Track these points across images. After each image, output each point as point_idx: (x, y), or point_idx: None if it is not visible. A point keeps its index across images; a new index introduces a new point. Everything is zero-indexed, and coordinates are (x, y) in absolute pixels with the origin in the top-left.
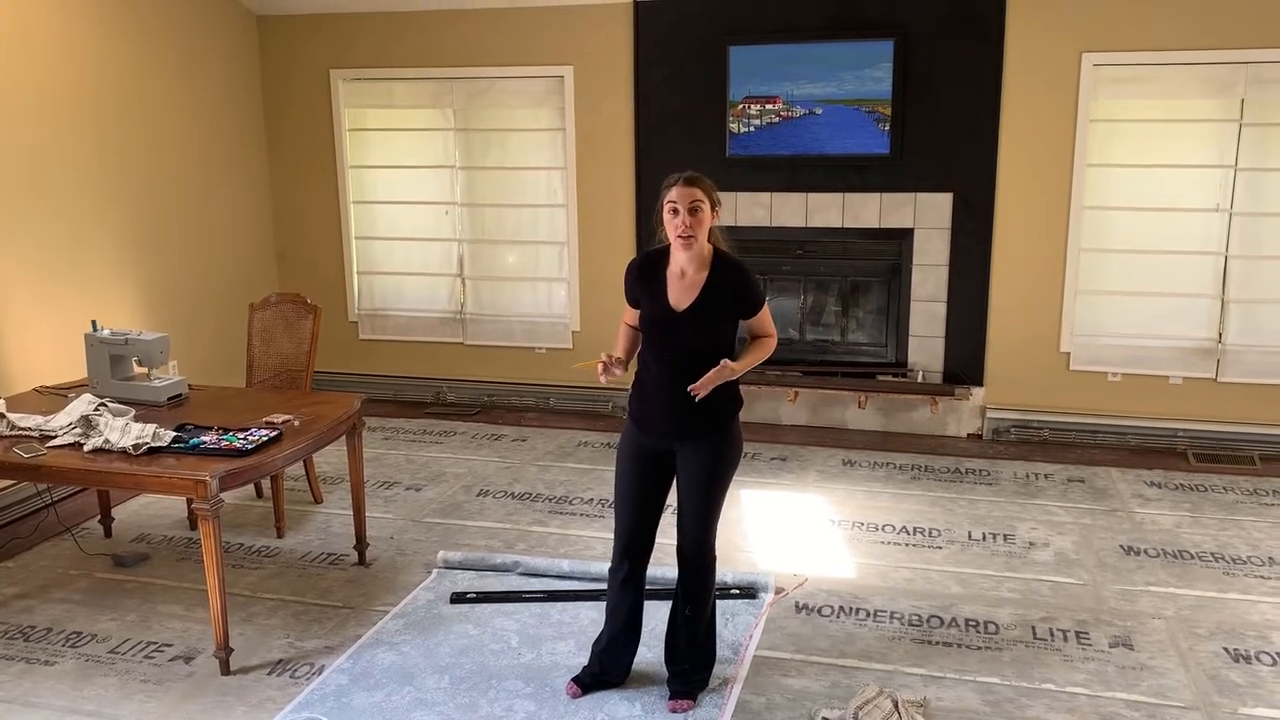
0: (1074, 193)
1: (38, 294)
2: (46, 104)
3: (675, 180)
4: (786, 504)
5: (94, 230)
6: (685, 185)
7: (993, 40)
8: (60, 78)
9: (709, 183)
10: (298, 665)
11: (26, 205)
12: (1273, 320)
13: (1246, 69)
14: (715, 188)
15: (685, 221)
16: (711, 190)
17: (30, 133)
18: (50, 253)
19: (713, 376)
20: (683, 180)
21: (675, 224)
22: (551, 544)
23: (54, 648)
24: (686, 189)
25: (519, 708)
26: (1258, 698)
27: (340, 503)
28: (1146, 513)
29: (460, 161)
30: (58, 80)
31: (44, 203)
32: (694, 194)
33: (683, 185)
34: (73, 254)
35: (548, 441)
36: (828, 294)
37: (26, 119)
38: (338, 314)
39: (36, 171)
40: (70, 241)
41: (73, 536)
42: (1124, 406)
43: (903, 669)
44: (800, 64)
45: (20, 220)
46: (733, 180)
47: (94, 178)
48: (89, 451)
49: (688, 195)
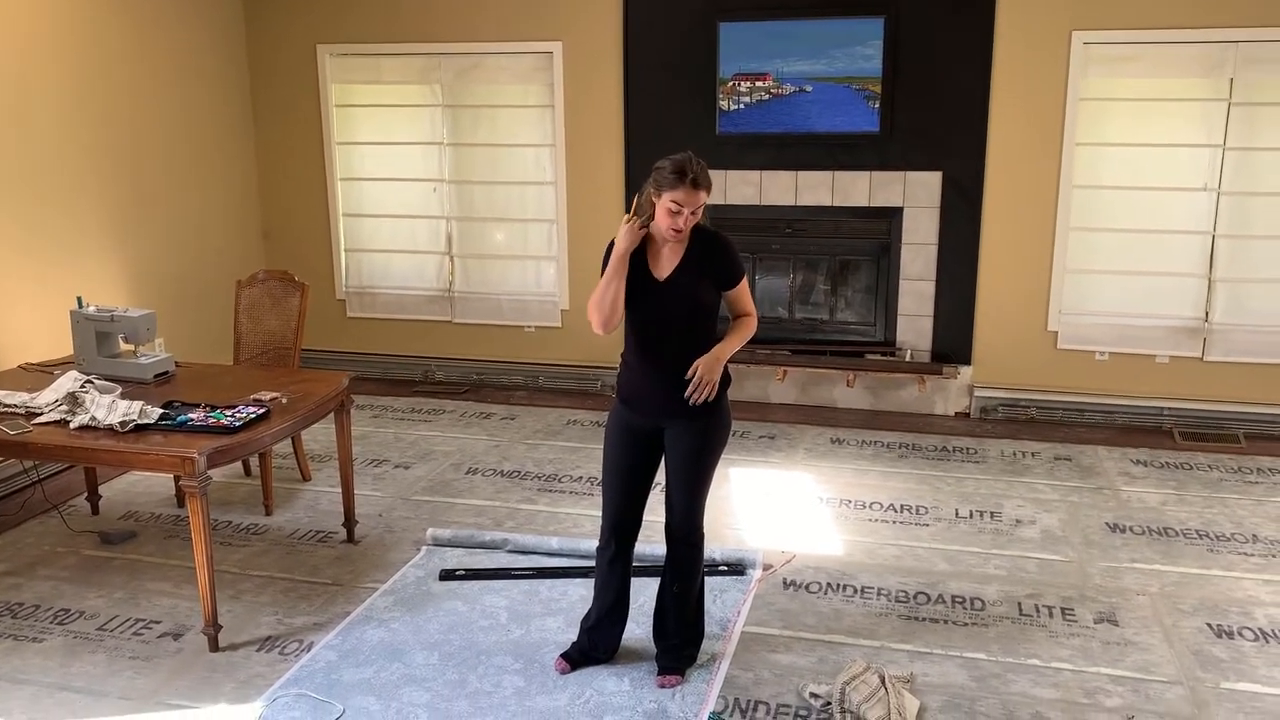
0: (1063, 172)
1: (23, 270)
2: (31, 81)
3: (681, 178)
4: (775, 482)
5: (80, 207)
6: (693, 189)
7: (983, 18)
8: (44, 54)
9: (709, 176)
10: (286, 642)
11: (11, 181)
12: (1259, 299)
13: (1236, 48)
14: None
15: (686, 221)
16: (710, 184)
17: (14, 109)
18: (36, 229)
19: (704, 374)
20: (690, 182)
21: (673, 222)
22: (540, 522)
23: (42, 625)
24: (695, 193)
25: (508, 683)
26: (1240, 672)
27: (328, 480)
28: (1132, 490)
29: (448, 138)
30: (41, 57)
31: (28, 179)
32: (700, 198)
33: (690, 189)
34: (58, 230)
35: (537, 420)
36: (817, 273)
37: (10, 96)
38: (325, 291)
39: (21, 148)
40: (56, 218)
41: (59, 514)
42: (1111, 385)
43: (890, 645)
44: (791, 41)
45: (4, 197)
46: (722, 158)
47: (80, 154)
48: (75, 428)
49: (695, 200)
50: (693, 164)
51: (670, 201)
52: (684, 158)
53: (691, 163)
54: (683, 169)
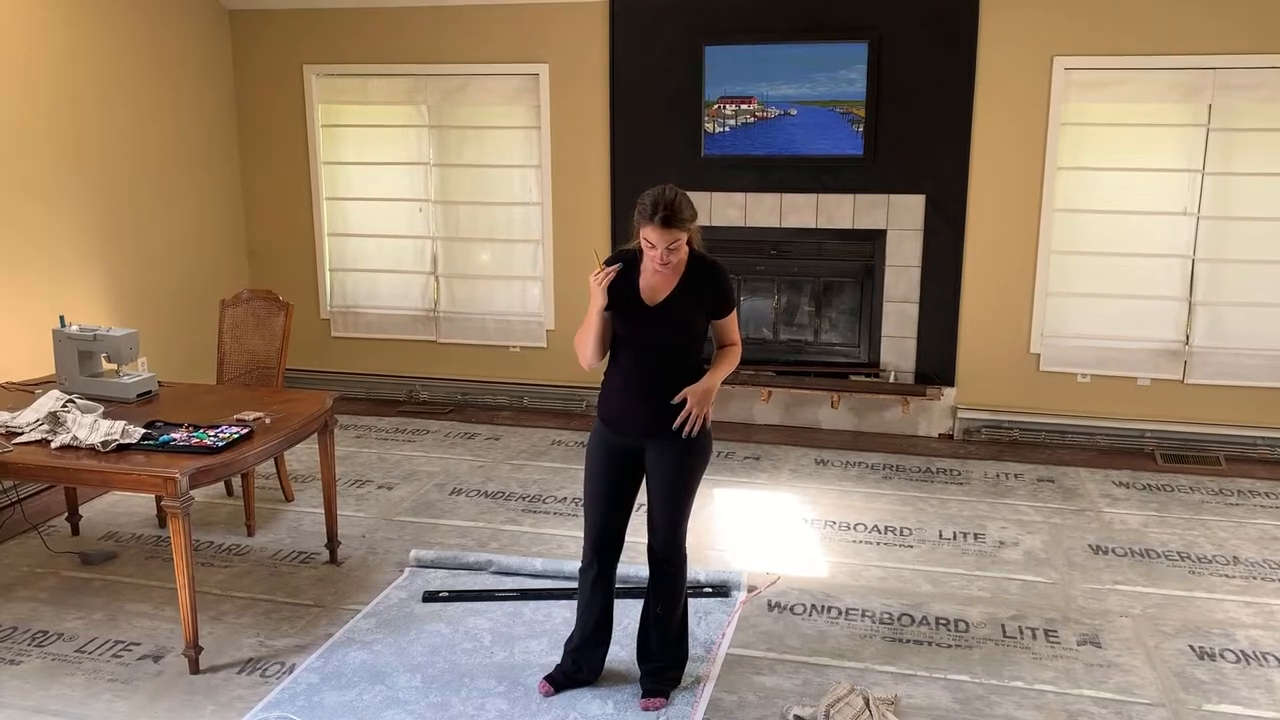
0: (1045, 195)
1: (5, 288)
2: (16, 98)
3: (652, 216)
4: (759, 503)
5: (64, 225)
6: (663, 228)
7: (965, 43)
8: (30, 71)
9: (688, 210)
10: (268, 664)
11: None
12: (1239, 323)
13: (1215, 75)
14: (692, 207)
15: (664, 257)
16: (690, 220)
17: (0, 126)
18: (18, 247)
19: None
20: (659, 220)
21: (653, 256)
22: (524, 543)
23: (19, 647)
24: (665, 232)
25: (491, 706)
26: (1221, 694)
27: (311, 501)
28: (1114, 512)
29: (434, 159)
30: (28, 74)
31: (13, 197)
32: (674, 236)
33: (660, 228)
34: (42, 249)
35: (521, 440)
36: (801, 294)
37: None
38: (310, 311)
39: (5, 166)
40: (39, 236)
41: (39, 534)
42: (1093, 407)
43: (874, 667)
44: (775, 64)
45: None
46: (707, 180)
47: (64, 172)
48: (56, 448)
49: (667, 238)
50: (664, 203)
51: (642, 239)
52: (658, 193)
53: (662, 201)
54: (656, 206)
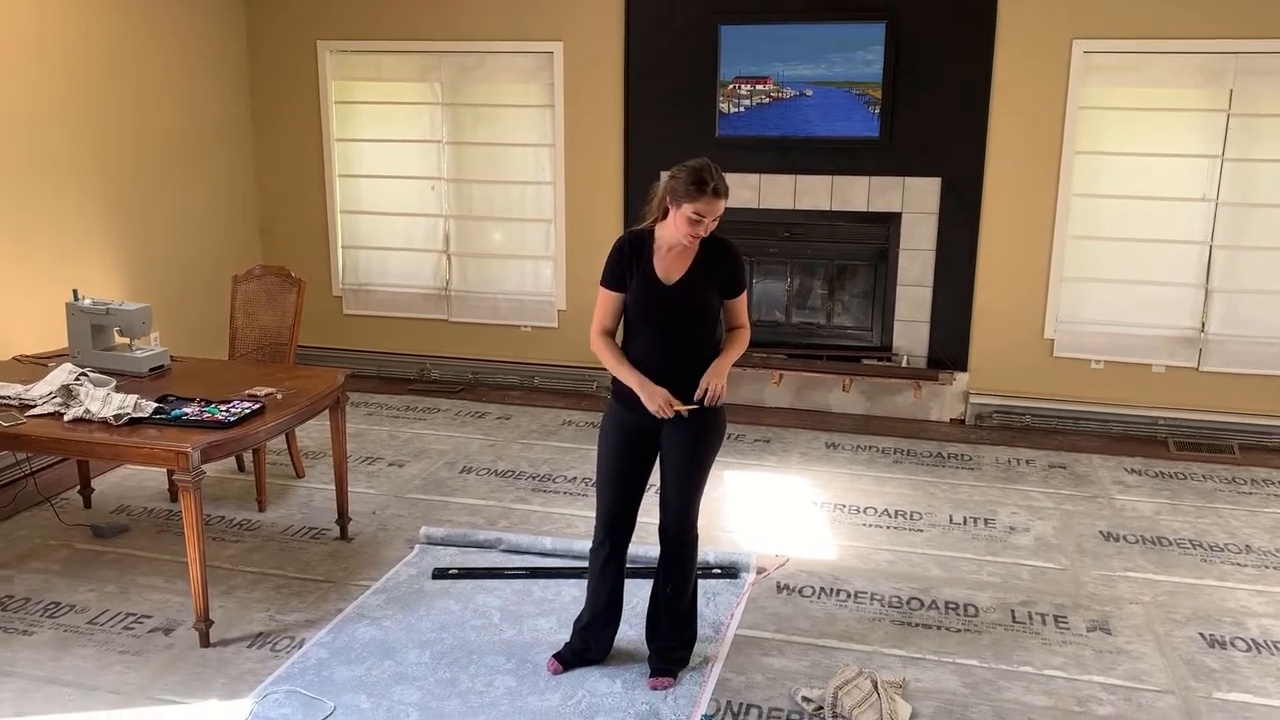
0: (1062, 180)
1: (19, 262)
2: (30, 74)
3: (702, 189)
4: (769, 485)
5: (77, 200)
6: (715, 198)
7: (984, 25)
8: (44, 49)
9: (726, 181)
10: (278, 638)
11: (8, 174)
12: (1256, 310)
13: (1236, 59)
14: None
15: (705, 230)
16: (728, 190)
17: (13, 103)
18: (32, 222)
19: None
20: (712, 191)
21: (693, 230)
22: (534, 521)
23: (32, 618)
24: (717, 202)
25: (500, 683)
26: (1232, 682)
27: (322, 477)
28: (1126, 499)
29: (447, 137)
30: (41, 51)
31: (26, 172)
32: (721, 207)
33: (712, 198)
34: (55, 224)
35: (532, 420)
36: (814, 277)
37: (9, 89)
38: (322, 288)
39: (20, 142)
40: (53, 211)
41: (52, 507)
42: (1106, 394)
43: (882, 650)
44: (791, 44)
45: (2, 190)
46: (722, 161)
47: (78, 148)
48: (69, 421)
49: (716, 209)
50: (712, 173)
51: (692, 212)
52: (702, 166)
53: (711, 171)
54: (703, 180)
